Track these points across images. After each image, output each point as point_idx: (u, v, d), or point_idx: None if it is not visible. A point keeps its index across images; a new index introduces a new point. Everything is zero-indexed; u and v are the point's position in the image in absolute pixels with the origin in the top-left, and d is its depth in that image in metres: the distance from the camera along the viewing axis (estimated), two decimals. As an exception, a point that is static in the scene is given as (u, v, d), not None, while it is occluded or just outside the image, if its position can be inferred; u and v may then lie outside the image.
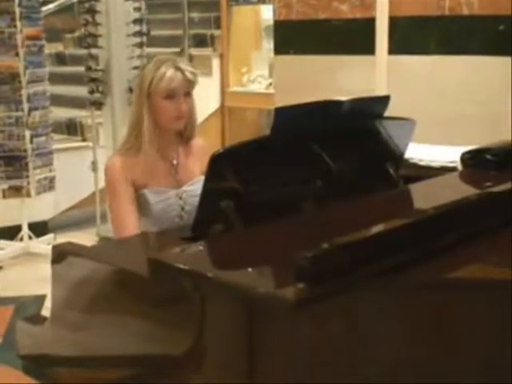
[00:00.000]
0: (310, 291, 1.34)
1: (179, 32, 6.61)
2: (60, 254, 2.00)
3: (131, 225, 2.35)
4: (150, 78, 2.38)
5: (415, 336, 1.40)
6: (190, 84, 2.42)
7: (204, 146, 2.58)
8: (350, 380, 1.37)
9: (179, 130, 2.48)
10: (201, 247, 1.73)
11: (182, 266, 1.56)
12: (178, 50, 6.56)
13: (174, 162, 2.49)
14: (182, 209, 2.45)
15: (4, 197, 5.04)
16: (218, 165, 1.88)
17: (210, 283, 1.49)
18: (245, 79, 6.81)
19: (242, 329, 1.46)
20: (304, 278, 1.35)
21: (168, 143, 2.47)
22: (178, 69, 2.38)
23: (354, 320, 1.43)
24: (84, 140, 5.94)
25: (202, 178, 2.45)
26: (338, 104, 2.08)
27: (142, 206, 2.41)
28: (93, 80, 5.32)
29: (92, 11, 5.26)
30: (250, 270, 1.53)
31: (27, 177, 5.00)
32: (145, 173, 2.42)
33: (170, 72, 2.37)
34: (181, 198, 2.45)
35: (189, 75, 2.40)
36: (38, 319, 2.25)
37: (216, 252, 1.75)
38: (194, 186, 2.47)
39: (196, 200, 2.38)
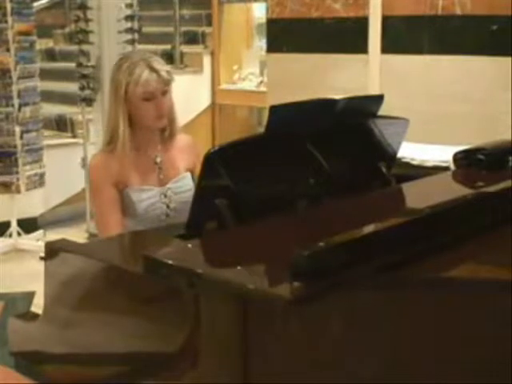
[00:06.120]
0: (306, 289, 1.34)
1: (170, 29, 6.60)
2: (53, 251, 2.00)
3: (113, 223, 2.34)
4: (126, 83, 2.34)
5: (412, 334, 1.41)
6: (166, 83, 2.37)
7: (190, 143, 2.56)
8: (347, 379, 1.38)
9: (161, 128, 2.46)
10: (195, 245, 1.73)
11: (176, 264, 1.56)
12: (168, 46, 6.56)
13: (158, 160, 2.46)
14: (168, 206, 2.43)
15: (-7, 193, 5.03)
16: (213, 163, 1.88)
17: (205, 281, 1.49)
18: (236, 77, 6.81)
19: (238, 327, 1.45)
20: (300, 276, 1.35)
21: (149, 141, 2.45)
22: (152, 70, 2.34)
23: (350, 318, 1.43)
24: (74, 136, 5.92)
25: (187, 174, 2.47)
26: (332, 102, 2.08)
27: (126, 205, 2.40)
28: (83, 76, 5.30)
29: (83, 7, 5.25)
30: (245, 267, 1.53)
31: (17, 173, 4.98)
32: (126, 173, 2.40)
33: (145, 74, 2.33)
34: (165, 196, 2.43)
35: (164, 75, 2.36)
36: (29, 316, 2.24)
37: (211, 250, 1.75)
38: (179, 183, 2.46)
39: (181, 197, 2.39)
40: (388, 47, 4.32)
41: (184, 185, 2.45)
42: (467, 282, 1.50)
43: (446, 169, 2.44)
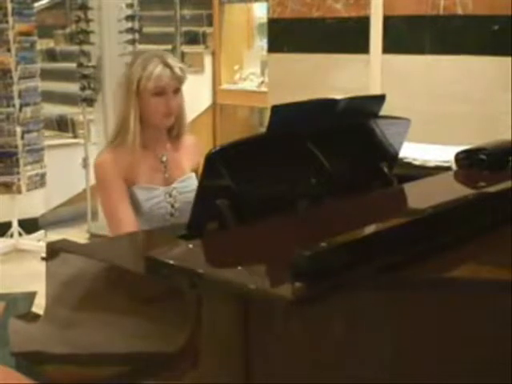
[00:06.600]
0: (307, 290, 1.33)
1: (171, 29, 6.60)
2: (54, 251, 2.00)
3: (127, 219, 2.34)
4: (138, 77, 2.35)
5: (414, 335, 1.40)
6: (179, 80, 2.40)
7: (195, 143, 2.58)
8: (348, 379, 1.37)
9: (169, 127, 2.47)
10: (197, 245, 1.72)
11: (178, 264, 1.56)
12: (169, 47, 6.55)
13: (164, 158, 2.47)
14: (172, 206, 2.44)
15: (-6, 193, 5.03)
16: (214, 163, 1.87)
17: (207, 281, 1.49)
18: (237, 77, 6.81)
19: (239, 327, 1.45)
20: (301, 277, 1.34)
21: (157, 140, 2.46)
22: (166, 65, 2.36)
23: (351, 319, 1.42)
24: (75, 137, 5.93)
25: (192, 174, 2.48)
26: (333, 103, 2.07)
27: (132, 203, 2.40)
28: (84, 76, 5.31)
29: (84, 7, 5.25)
30: (246, 268, 1.53)
31: (18, 173, 4.99)
32: (134, 170, 2.40)
33: (158, 69, 2.35)
34: (170, 196, 2.44)
35: (178, 71, 2.38)
36: (30, 317, 2.24)
37: (212, 250, 1.74)
38: (184, 183, 2.47)
39: (186, 196, 2.39)
40: (389, 47, 4.31)
41: (189, 185, 2.46)
42: (469, 282, 1.50)
43: (448, 169, 2.43)
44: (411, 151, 2.61)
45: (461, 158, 2.23)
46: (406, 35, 4.25)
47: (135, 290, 1.75)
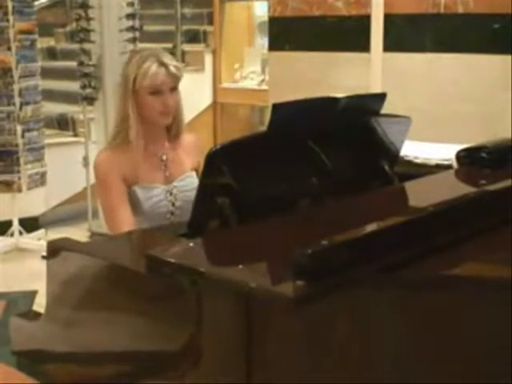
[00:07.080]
0: (308, 288, 1.33)
1: (172, 27, 6.60)
2: (55, 250, 2.00)
3: (126, 220, 2.34)
4: (134, 76, 2.36)
5: (414, 334, 1.40)
6: (175, 79, 2.40)
7: (195, 142, 2.58)
8: (350, 379, 1.37)
9: (167, 126, 2.47)
10: (198, 244, 1.72)
11: (179, 262, 1.56)
12: (170, 45, 6.55)
13: (164, 157, 2.47)
14: (173, 204, 2.44)
15: (-5, 192, 5.03)
16: (215, 161, 1.87)
17: (208, 279, 1.49)
18: (237, 75, 6.81)
19: (240, 325, 1.45)
20: (303, 275, 1.34)
21: (156, 139, 2.46)
22: (161, 64, 2.36)
23: (352, 317, 1.42)
24: (76, 135, 5.92)
25: (193, 173, 2.49)
26: (334, 101, 2.07)
27: (132, 203, 2.40)
28: (85, 75, 5.31)
29: (85, 6, 5.25)
30: (248, 266, 1.53)
31: (18, 172, 4.99)
32: (134, 169, 2.41)
33: (153, 68, 2.35)
34: (171, 194, 2.44)
35: (173, 70, 2.38)
36: (31, 315, 2.24)
37: (213, 248, 1.74)
38: (185, 182, 2.47)
39: (187, 195, 2.40)
40: (390, 45, 4.32)
41: (189, 183, 2.46)
42: (470, 280, 1.49)
43: (449, 167, 2.43)
44: (412, 149, 2.61)
45: (462, 156, 2.23)
46: (407, 34, 4.26)
47: (136, 289, 1.75)
